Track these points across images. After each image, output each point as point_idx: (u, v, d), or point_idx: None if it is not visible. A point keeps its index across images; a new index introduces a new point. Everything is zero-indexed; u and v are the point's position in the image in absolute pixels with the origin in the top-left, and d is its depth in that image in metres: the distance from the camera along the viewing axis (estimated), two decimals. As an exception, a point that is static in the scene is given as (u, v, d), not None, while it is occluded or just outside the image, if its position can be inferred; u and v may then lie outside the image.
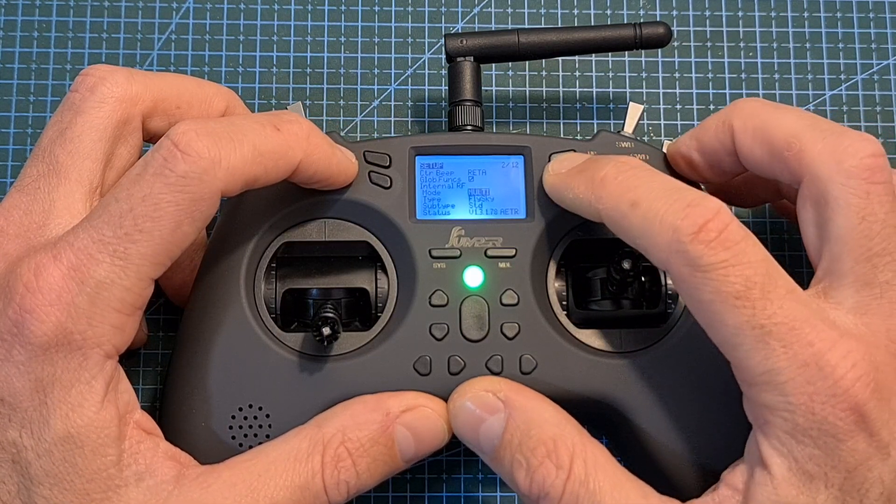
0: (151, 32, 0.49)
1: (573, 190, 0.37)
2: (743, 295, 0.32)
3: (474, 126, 0.42)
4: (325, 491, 0.35)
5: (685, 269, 0.33)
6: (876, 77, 0.49)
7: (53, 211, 0.36)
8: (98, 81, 0.37)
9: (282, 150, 0.36)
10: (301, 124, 0.37)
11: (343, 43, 0.49)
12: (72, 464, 0.33)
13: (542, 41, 0.43)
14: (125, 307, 0.34)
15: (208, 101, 0.40)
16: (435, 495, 0.44)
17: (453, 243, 0.39)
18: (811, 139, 0.36)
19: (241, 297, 0.38)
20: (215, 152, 0.34)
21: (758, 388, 0.33)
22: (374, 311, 0.40)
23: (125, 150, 0.38)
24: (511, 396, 0.36)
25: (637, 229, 0.34)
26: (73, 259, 0.33)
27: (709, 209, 0.33)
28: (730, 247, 0.32)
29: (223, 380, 0.38)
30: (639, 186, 0.35)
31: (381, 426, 0.36)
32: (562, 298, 0.40)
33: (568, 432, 0.35)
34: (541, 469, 0.34)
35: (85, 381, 0.33)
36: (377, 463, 0.36)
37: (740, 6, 0.50)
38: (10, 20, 0.49)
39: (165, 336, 0.45)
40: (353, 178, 0.39)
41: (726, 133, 0.38)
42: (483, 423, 0.36)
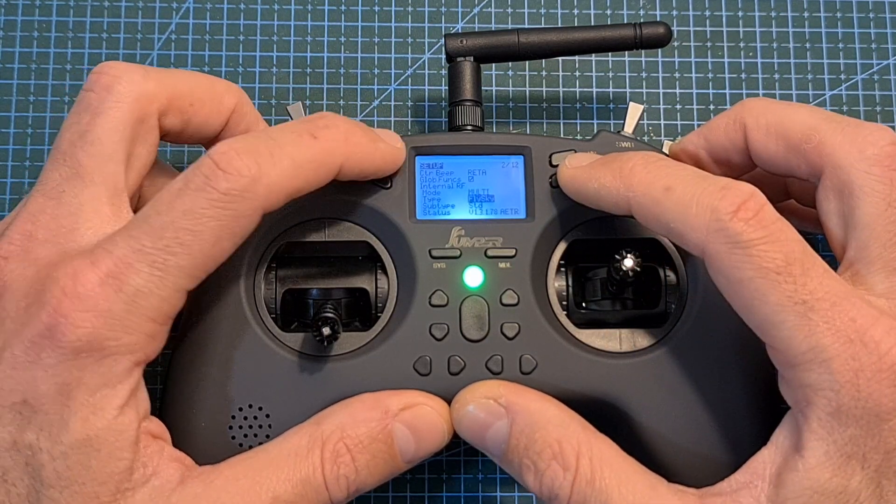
0: (151, 32, 0.49)
1: (599, 180, 0.37)
2: (784, 270, 0.32)
3: (474, 126, 0.42)
4: (326, 485, 0.35)
5: (724, 247, 0.33)
6: (876, 77, 0.49)
7: (82, 215, 0.35)
8: (114, 80, 0.37)
9: (321, 158, 0.36)
10: (339, 127, 0.37)
11: (343, 43, 0.49)
12: (86, 466, 0.33)
13: (542, 41, 0.43)
14: (160, 317, 0.34)
15: (219, 99, 0.40)
16: (435, 495, 0.44)
17: (453, 243, 0.39)
18: (830, 130, 0.36)
19: (241, 298, 0.38)
20: (256, 169, 0.34)
21: (801, 367, 0.32)
22: (374, 311, 0.40)
23: (143, 150, 0.38)
24: (512, 400, 0.36)
25: (672, 213, 0.34)
26: (112, 266, 0.33)
27: (744, 191, 0.33)
28: (767, 225, 0.33)
29: (223, 380, 0.38)
30: (670, 174, 0.35)
31: (380, 423, 0.36)
32: (562, 298, 0.40)
33: (572, 431, 0.35)
34: (549, 472, 0.34)
35: (111, 386, 0.33)
36: (376, 460, 0.36)
37: (740, 6, 0.50)
38: (10, 20, 0.49)
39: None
40: (401, 162, 0.39)
41: (737, 131, 0.38)
42: (488, 429, 0.36)
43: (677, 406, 0.38)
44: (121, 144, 0.37)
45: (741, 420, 0.37)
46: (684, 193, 0.34)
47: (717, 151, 0.39)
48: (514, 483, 0.44)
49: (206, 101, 0.39)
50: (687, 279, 0.39)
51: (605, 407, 0.38)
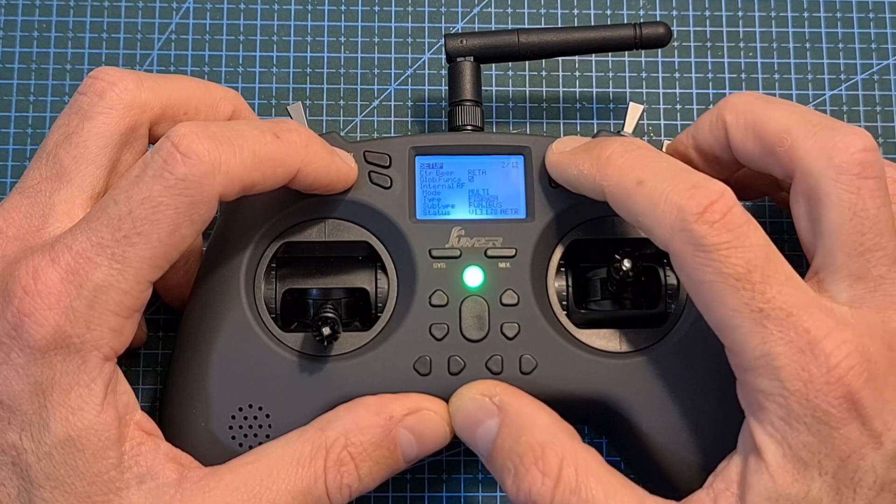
0: (151, 32, 0.49)
1: (578, 167, 0.37)
2: (743, 277, 0.32)
3: (474, 126, 0.42)
4: (328, 495, 0.35)
5: (688, 248, 0.33)
6: (876, 77, 0.49)
7: (53, 215, 0.36)
8: (108, 87, 0.37)
9: (280, 158, 0.36)
10: (300, 133, 0.37)
11: (343, 43, 0.49)
12: (72, 467, 0.33)
13: (542, 41, 0.43)
14: (123, 310, 0.33)
15: (215, 106, 0.40)
16: (435, 495, 0.44)
17: (453, 243, 0.39)
18: (802, 134, 0.36)
19: (241, 298, 0.38)
20: (216, 156, 0.33)
21: (753, 372, 0.33)
22: (374, 311, 0.40)
23: (131, 157, 0.38)
24: (505, 401, 0.36)
25: (641, 207, 0.34)
26: (72, 262, 0.33)
27: (713, 191, 0.33)
28: (733, 229, 0.33)
29: (223, 380, 0.38)
30: (645, 165, 0.35)
31: (385, 430, 0.36)
32: (562, 298, 0.40)
33: (559, 439, 0.35)
34: (527, 476, 0.34)
35: (84, 385, 0.33)
36: (379, 466, 0.36)
37: (740, 6, 0.50)
38: (10, 20, 0.49)
39: (165, 336, 0.45)
40: (352, 183, 0.39)
41: (720, 129, 0.38)
42: (479, 426, 0.36)
43: (676, 406, 0.38)
44: (106, 150, 0.36)
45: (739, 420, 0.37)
46: (654, 189, 0.34)
47: (704, 150, 0.39)
48: (514, 483, 0.44)
49: (202, 109, 0.39)
50: (687, 279, 0.39)
51: (605, 407, 0.38)
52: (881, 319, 0.34)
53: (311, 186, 0.38)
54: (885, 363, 0.33)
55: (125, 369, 0.44)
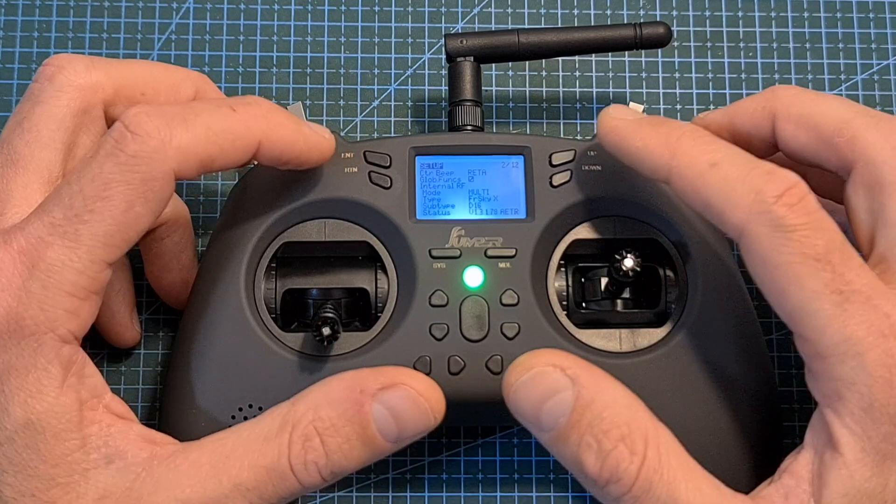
0: (151, 32, 0.49)
1: (643, 139, 0.36)
2: (824, 258, 0.32)
3: (474, 126, 0.42)
4: (293, 471, 0.33)
5: (766, 229, 0.32)
6: (876, 77, 0.49)
7: (10, 201, 0.35)
8: (56, 70, 0.37)
9: (238, 130, 0.35)
10: (260, 104, 0.36)
11: (343, 43, 0.49)
12: (34, 450, 0.32)
13: (542, 41, 0.43)
14: (78, 291, 0.33)
15: (176, 87, 0.39)
16: (435, 495, 0.44)
17: (453, 243, 0.39)
18: (863, 125, 0.36)
19: (241, 297, 0.38)
20: (166, 132, 0.33)
21: (833, 359, 0.32)
22: (374, 311, 0.40)
23: (87, 139, 0.38)
24: (580, 374, 0.34)
25: (715, 188, 0.34)
26: (24, 243, 0.33)
27: (790, 177, 0.33)
28: (810, 213, 0.32)
29: (223, 380, 0.38)
30: (718, 150, 0.35)
31: (355, 404, 0.34)
32: (562, 298, 0.40)
33: (641, 416, 0.33)
34: (614, 453, 0.32)
35: (41, 367, 0.32)
36: (351, 443, 0.34)
37: (740, 6, 0.50)
38: (10, 20, 0.49)
39: (165, 336, 0.45)
40: (329, 154, 0.38)
41: (765, 118, 0.38)
42: (548, 400, 0.33)
43: (677, 406, 0.38)
44: (58, 133, 0.36)
45: (741, 420, 0.37)
46: (730, 171, 0.34)
47: (739, 133, 0.39)
48: (514, 483, 0.44)
49: (161, 89, 0.39)
50: (687, 279, 0.39)
51: (605, 407, 0.38)
52: None
53: (280, 159, 0.37)
54: None
55: (125, 369, 0.45)
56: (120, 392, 0.44)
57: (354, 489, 0.44)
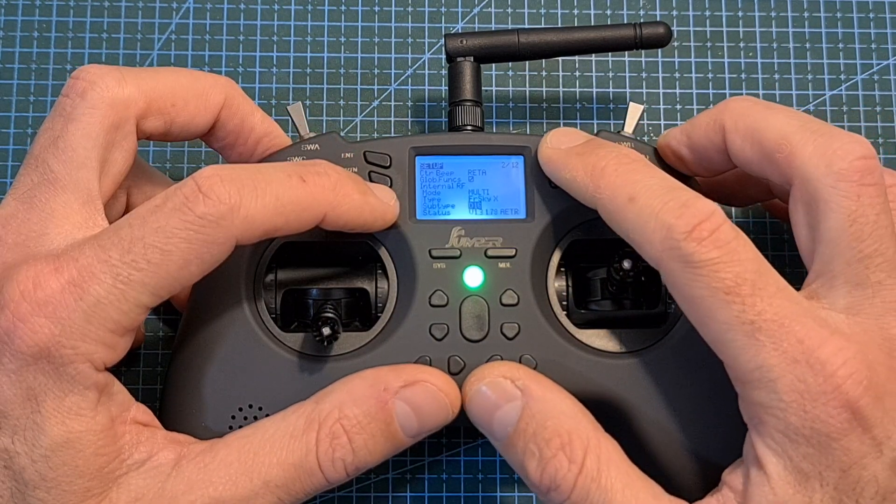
0: (151, 32, 0.49)
1: (571, 172, 0.37)
2: (733, 290, 0.32)
3: (474, 126, 0.42)
4: (321, 468, 0.34)
5: (677, 265, 0.33)
6: (876, 77, 0.49)
7: (52, 220, 0.35)
8: (88, 86, 0.37)
9: (306, 202, 0.35)
10: (329, 176, 0.36)
11: (343, 43, 0.49)
12: (72, 466, 0.33)
13: (542, 41, 0.43)
14: (118, 329, 0.33)
15: (205, 96, 0.39)
16: (435, 495, 0.44)
17: (453, 243, 0.39)
18: (801, 141, 0.36)
19: (241, 297, 0.38)
20: (236, 199, 0.33)
21: (750, 385, 0.33)
22: (374, 312, 0.40)
23: (119, 155, 0.38)
24: (529, 385, 0.36)
25: (632, 224, 0.34)
26: (75, 274, 0.33)
27: (703, 210, 0.33)
28: (721, 245, 0.33)
29: (223, 380, 0.38)
30: (637, 182, 0.35)
31: (379, 402, 0.35)
32: (562, 298, 0.40)
33: (583, 426, 0.35)
34: (553, 461, 0.34)
35: (78, 392, 0.33)
36: (375, 439, 0.35)
37: (740, 6, 0.50)
38: (10, 20, 0.49)
39: (165, 336, 0.45)
40: (393, 220, 0.39)
41: (717, 132, 0.38)
42: (498, 409, 0.35)
43: (676, 406, 0.38)
44: (94, 151, 0.36)
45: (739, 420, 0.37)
46: (644, 207, 0.34)
47: (697, 149, 0.39)
48: (514, 483, 0.44)
49: (190, 99, 0.39)
50: (687, 279, 0.39)
51: (605, 407, 0.38)
52: (879, 326, 0.33)
53: (345, 227, 0.37)
54: (885, 370, 0.33)
55: (126, 370, 0.45)
56: (120, 392, 0.44)
57: (354, 489, 0.44)
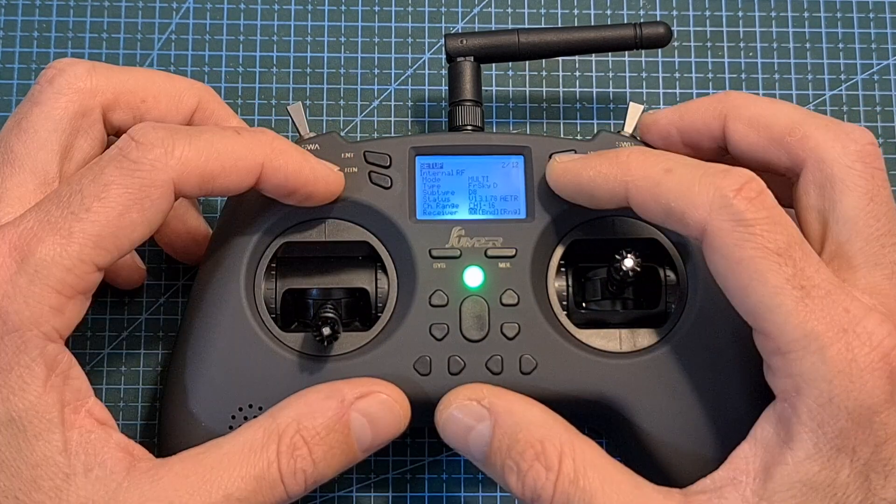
0: (151, 32, 0.49)
1: (595, 168, 0.37)
2: (785, 253, 0.32)
3: (474, 126, 0.42)
4: (282, 480, 0.34)
5: (727, 224, 0.33)
6: (876, 77, 0.49)
7: (4, 199, 0.36)
8: (57, 73, 0.38)
9: (241, 151, 0.35)
10: (266, 133, 0.37)
11: (343, 43, 0.49)
12: (17, 448, 0.32)
13: (542, 41, 0.43)
14: (65, 288, 0.33)
15: (178, 96, 0.40)
16: (435, 495, 0.44)
17: (453, 243, 0.39)
18: (813, 125, 0.36)
19: (241, 297, 0.38)
20: (169, 142, 0.34)
21: (794, 354, 0.32)
22: (374, 311, 0.40)
23: (85, 143, 0.38)
24: (495, 402, 0.36)
25: (673, 192, 0.34)
26: (16, 238, 0.33)
27: (745, 173, 0.33)
28: (769, 207, 0.33)
29: (223, 380, 0.38)
30: (669, 158, 0.35)
31: (337, 413, 0.35)
32: (562, 298, 0.40)
33: (555, 432, 0.35)
34: (531, 472, 0.34)
35: (25, 365, 0.32)
36: (334, 451, 0.35)
37: (740, 6, 0.50)
38: (10, 20, 0.49)
39: (165, 336, 0.45)
40: (338, 191, 0.39)
41: (716, 119, 0.39)
42: (471, 431, 0.35)
43: (677, 406, 0.38)
44: (55, 135, 0.37)
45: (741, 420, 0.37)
46: (685, 174, 0.34)
47: (689, 133, 0.39)
48: (514, 483, 0.44)
49: (162, 97, 0.39)
50: (687, 279, 0.39)
51: (605, 407, 0.38)
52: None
53: (285, 187, 0.37)
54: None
55: (125, 369, 0.45)
56: (120, 392, 0.44)
57: (354, 489, 0.44)
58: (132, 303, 0.45)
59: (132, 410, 0.44)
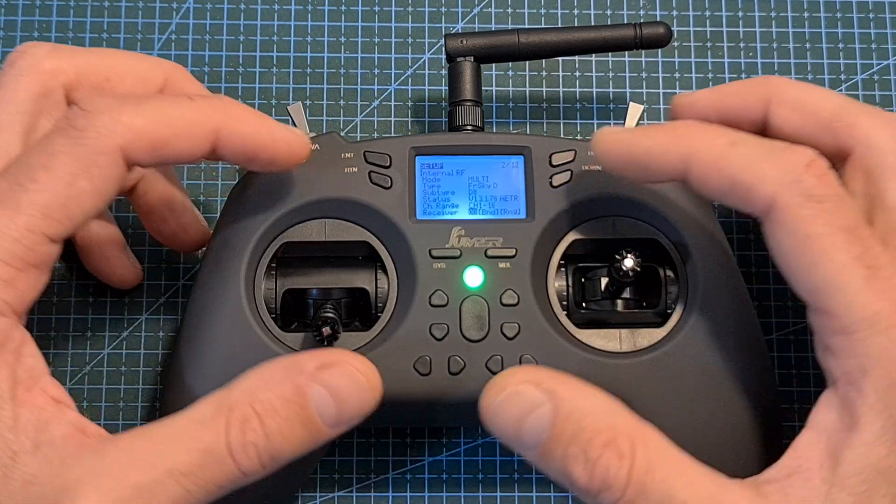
0: (151, 32, 0.49)
1: (652, 139, 0.36)
2: (854, 231, 0.32)
3: (474, 126, 0.42)
4: (232, 454, 0.32)
5: (797, 199, 0.32)
6: (876, 77, 0.49)
7: None
8: (18, 56, 0.37)
9: (193, 116, 0.35)
10: (222, 98, 0.36)
11: (343, 43, 0.49)
12: None
13: (542, 41, 0.43)
14: (13, 259, 0.32)
15: (143, 75, 0.39)
16: (435, 495, 0.44)
17: (453, 243, 0.39)
18: (861, 112, 0.36)
19: (241, 297, 0.38)
20: (116, 109, 0.33)
21: (860, 335, 0.31)
22: (374, 311, 0.40)
23: (48, 123, 0.37)
24: (555, 387, 0.33)
25: (740, 164, 0.33)
26: None
27: (810, 151, 0.33)
28: (836, 186, 0.32)
29: (223, 379, 0.37)
30: (730, 132, 0.35)
31: (294, 385, 0.33)
32: (562, 298, 0.40)
33: (624, 419, 0.33)
34: (601, 460, 0.31)
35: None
36: (290, 424, 0.32)
37: (740, 6, 0.50)
38: (10, 20, 0.49)
39: (165, 336, 0.45)
40: (303, 154, 0.37)
41: (758, 101, 0.38)
42: (526, 417, 0.32)
43: (678, 406, 0.38)
44: (16, 116, 0.36)
45: (742, 419, 0.37)
46: (751, 147, 0.34)
47: (728, 114, 0.39)
48: (513, 483, 0.44)
49: (127, 76, 0.39)
50: (687, 279, 0.39)
51: (605, 407, 0.38)
52: None
53: (244, 153, 0.36)
54: None
55: (125, 369, 0.45)
56: (120, 392, 0.44)
57: (354, 489, 0.44)
58: (132, 303, 0.45)
59: (132, 410, 0.44)
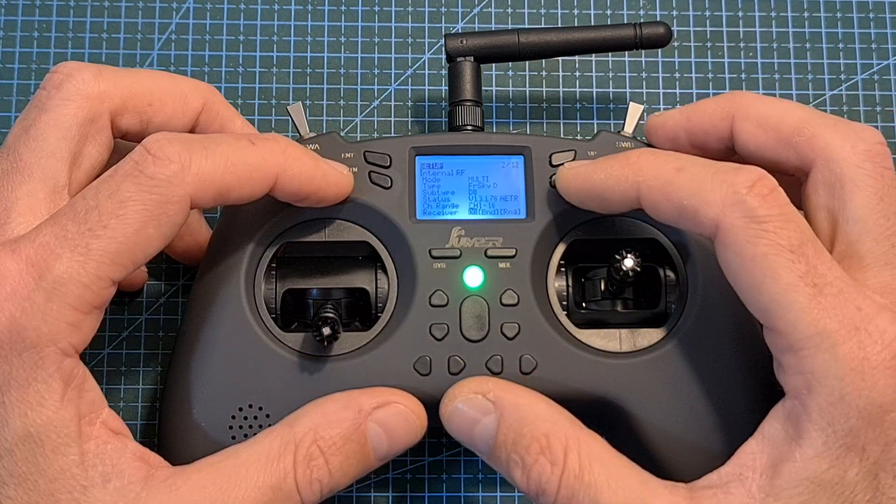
0: (151, 32, 0.49)
1: (606, 171, 0.37)
2: (798, 250, 0.32)
3: (474, 126, 0.42)
4: (298, 490, 0.34)
5: (741, 220, 0.32)
6: (876, 77, 0.49)
7: (15, 209, 0.35)
8: (65, 78, 0.37)
9: (256, 162, 0.35)
10: (278, 139, 0.37)
11: (343, 43, 0.49)
12: (34, 463, 0.32)
13: (542, 41, 0.43)
14: (82, 305, 0.33)
15: (183, 98, 0.40)
16: (435, 495, 0.44)
17: (453, 243, 0.39)
18: (822, 125, 0.36)
19: (241, 297, 0.38)
20: (186, 157, 0.34)
21: (805, 352, 0.32)
22: (374, 311, 0.40)
23: (93, 149, 0.38)
24: (500, 396, 0.36)
25: (686, 190, 0.34)
26: (33, 254, 0.32)
27: (757, 171, 0.33)
28: (781, 205, 0.33)
29: (223, 380, 0.38)
30: (680, 157, 0.35)
31: (354, 423, 0.35)
32: (562, 298, 0.40)
33: (561, 426, 0.35)
34: (535, 466, 0.34)
35: (42, 380, 0.32)
36: (350, 461, 0.35)
37: (740, 6, 0.50)
38: (10, 20, 0.49)
39: (165, 336, 0.45)
40: (347, 192, 0.39)
41: (724, 119, 0.38)
42: (476, 425, 0.35)
43: (678, 406, 0.38)
44: (64, 142, 0.36)
45: (742, 419, 0.37)
46: (697, 172, 0.34)
47: (696, 134, 0.39)
48: (514, 483, 0.44)
49: (168, 100, 0.39)
50: (687, 279, 0.39)
51: (605, 407, 0.38)
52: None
53: (298, 194, 0.37)
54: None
55: (125, 370, 0.45)
56: (120, 392, 0.44)
57: (354, 489, 0.44)
58: (132, 303, 0.45)
59: (132, 410, 0.44)
